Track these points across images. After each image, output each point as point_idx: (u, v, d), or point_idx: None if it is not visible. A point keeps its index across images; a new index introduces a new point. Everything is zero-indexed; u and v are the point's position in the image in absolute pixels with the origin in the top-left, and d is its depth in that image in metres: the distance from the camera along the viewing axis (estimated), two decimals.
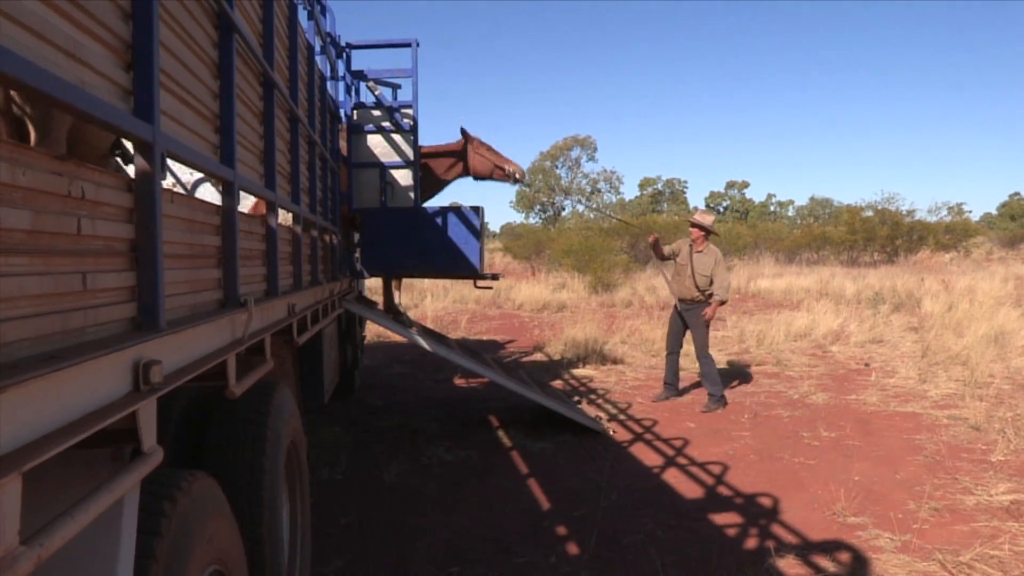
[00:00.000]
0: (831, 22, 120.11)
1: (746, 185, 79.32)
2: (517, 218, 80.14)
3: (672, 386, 8.70)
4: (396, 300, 9.08)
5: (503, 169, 8.20)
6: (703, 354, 8.35)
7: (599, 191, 68.75)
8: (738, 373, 10.32)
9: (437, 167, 8.21)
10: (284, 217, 4.24)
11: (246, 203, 5.33)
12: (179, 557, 1.88)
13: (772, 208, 79.00)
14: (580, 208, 44.42)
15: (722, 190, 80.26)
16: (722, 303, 8.29)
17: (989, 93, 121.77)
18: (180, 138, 2.11)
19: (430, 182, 8.25)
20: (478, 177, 8.34)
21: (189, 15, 2.24)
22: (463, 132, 8.25)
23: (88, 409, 1.40)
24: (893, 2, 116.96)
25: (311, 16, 5.23)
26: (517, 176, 8.25)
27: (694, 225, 8.50)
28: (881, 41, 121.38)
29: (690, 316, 8.42)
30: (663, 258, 8.66)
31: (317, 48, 5.67)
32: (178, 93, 2.14)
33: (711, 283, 8.26)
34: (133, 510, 1.61)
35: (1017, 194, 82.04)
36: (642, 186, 75.52)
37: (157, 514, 1.85)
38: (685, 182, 76.82)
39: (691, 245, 8.45)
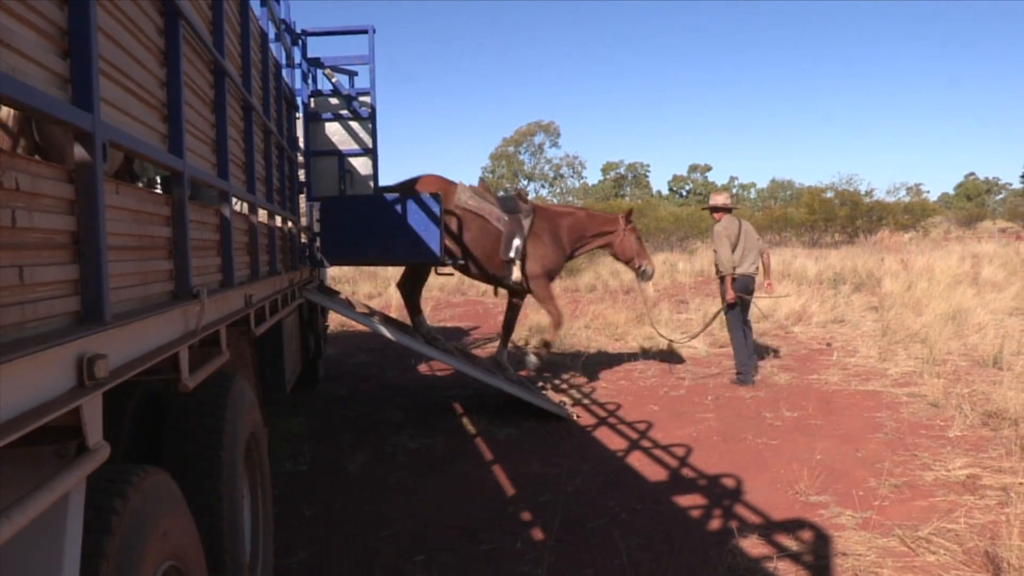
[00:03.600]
0: (790, 6, 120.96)
1: (708, 168, 79.73)
2: None
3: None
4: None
5: (639, 263, 8.40)
6: (729, 332, 8.75)
7: (562, 176, 68.87)
8: (700, 355, 10.42)
9: (589, 228, 8.36)
10: (240, 207, 4.18)
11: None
12: (131, 555, 1.84)
13: (735, 191, 79.43)
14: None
15: (685, 173, 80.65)
16: (725, 279, 8.44)
17: (945, 75, 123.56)
18: (124, 127, 2.05)
19: (573, 238, 8.32)
20: (614, 256, 8.65)
21: (130, 1, 2.18)
22: (628, 215, 8.44)
23: (28, 406, 1.36)
24: None
25: (264, 3, 5.14)
26: (649, 273, 8.49)
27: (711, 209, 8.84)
28: (840, 24, 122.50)
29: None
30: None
31: (271, 35, 5.58)
32: (121, 81, 2.09)
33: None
34: (79, 508, 1.57)
35: (973, 174, 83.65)
36: (605, 170, 75.47)
37: (107, 511, 1.81)
38: (648, 166, 76.96)
39: None
